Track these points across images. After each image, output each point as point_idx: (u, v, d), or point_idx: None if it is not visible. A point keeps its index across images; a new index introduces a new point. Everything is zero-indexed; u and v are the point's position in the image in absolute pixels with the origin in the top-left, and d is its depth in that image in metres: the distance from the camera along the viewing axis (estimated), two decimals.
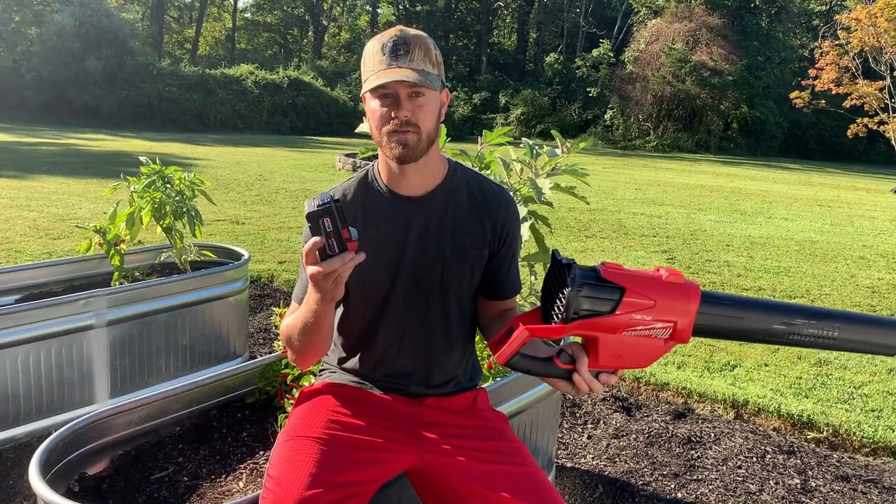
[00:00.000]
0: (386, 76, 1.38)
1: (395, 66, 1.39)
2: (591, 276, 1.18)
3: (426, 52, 1.43)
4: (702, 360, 4.04)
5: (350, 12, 50.26)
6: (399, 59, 1.40)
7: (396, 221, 1.54)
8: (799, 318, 1.20)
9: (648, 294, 1.17)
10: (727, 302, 1.20)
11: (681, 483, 2.69)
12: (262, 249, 6.31)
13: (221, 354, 3.43)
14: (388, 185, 1.56)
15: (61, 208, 8.00)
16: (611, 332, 1.19)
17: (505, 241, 1.61)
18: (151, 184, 3.36)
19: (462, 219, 1.56)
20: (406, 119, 1.41)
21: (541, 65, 39.76)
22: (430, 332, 1.58)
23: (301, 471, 1.38)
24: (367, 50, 1.45)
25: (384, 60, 1.41)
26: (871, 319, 1.24)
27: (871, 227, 10.42)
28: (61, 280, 3.36)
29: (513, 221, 1.62)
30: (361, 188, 1.58)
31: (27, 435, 2.73)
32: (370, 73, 1.42)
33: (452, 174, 1.59)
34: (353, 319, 1.62)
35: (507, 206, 1.61)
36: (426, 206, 1.55)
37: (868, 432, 3.17)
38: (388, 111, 1.42)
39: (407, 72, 1.39)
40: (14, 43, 26.80)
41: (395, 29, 1.44)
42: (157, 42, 38.68)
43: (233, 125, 28.29)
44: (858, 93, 22.74)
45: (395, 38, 1.41)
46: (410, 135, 1.42)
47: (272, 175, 12.86)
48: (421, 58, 1.42)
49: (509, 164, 2.52)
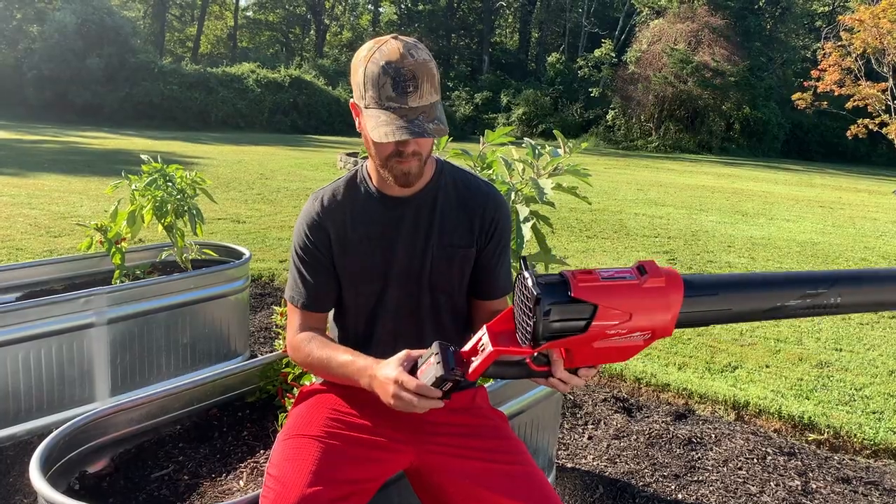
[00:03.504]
0: (399, 131, 1.32)
1: (406, 106, 1.34)
2: (560, 294, 1.07)
3: (431, 80, 1.37)
4: (703, 362, 4.04)
5: (352, 11, 50.29)
6: (409, 96, 1.34)
7: (386, 222, 1.55)
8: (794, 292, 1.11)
9: (624, 307, 1.08)
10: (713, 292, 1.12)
11: (681, 484, 2.69)
12: (263, 248, 6.31)
13: (222, 353, 3.43)
14: (378, 187, 1.56)
15: (62, 206, 8.00)
16: (584, 343, 1.12)
17: (491, 237, 1.59)
18: (152, 182, 3.36)
19: (450, 217, 1.56)
20: (413, 152, 1.41)
21: (543, 64, 39.74)
22: (423, 331, 1.59)
23: (302, 469, 1.38)
24: (369, 72, 1.36)
25: (391, 98, 1.34)
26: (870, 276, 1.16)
27: (873, 228, 10.41)
28: (62, 278, 3.36)
29: (500, 218, 1.60)
30: (350, 189, 1.58)
31: (28, 433, 2.73)
32: (375, 106, 1.36)
33: (440, 173, 1.59)
34: (349, 320, 1.63)
35: (495, 203, 1.60)
36: (414, 206, 1.55)
37: (869, 434, 3.17)
38: (393, 146, 1.40)
39: (421, 125, 1.33)
40: (16, 41, 26.82)
41: (397, 52, 1.34)
42: (158, 40, 38.69)
43: (234, 124, 28.30)
44: (861, 94, 22.72)
45: (402, 69, 1.33)
46: (414, 163, 1.43)
47: (273, 174, 12.86)
48: (429, 90, 1.36)
49: (511, 164, 2.52)
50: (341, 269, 1.56)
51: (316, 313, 1.59)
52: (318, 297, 1.58)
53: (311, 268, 1.56)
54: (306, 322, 1.58)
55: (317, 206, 1.56)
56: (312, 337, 1.55)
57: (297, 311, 1.58)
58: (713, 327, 4.72)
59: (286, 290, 1.62)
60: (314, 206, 1.56)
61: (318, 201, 1.57)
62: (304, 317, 1.58)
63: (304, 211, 1.58)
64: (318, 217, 1.55)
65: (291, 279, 1.59)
